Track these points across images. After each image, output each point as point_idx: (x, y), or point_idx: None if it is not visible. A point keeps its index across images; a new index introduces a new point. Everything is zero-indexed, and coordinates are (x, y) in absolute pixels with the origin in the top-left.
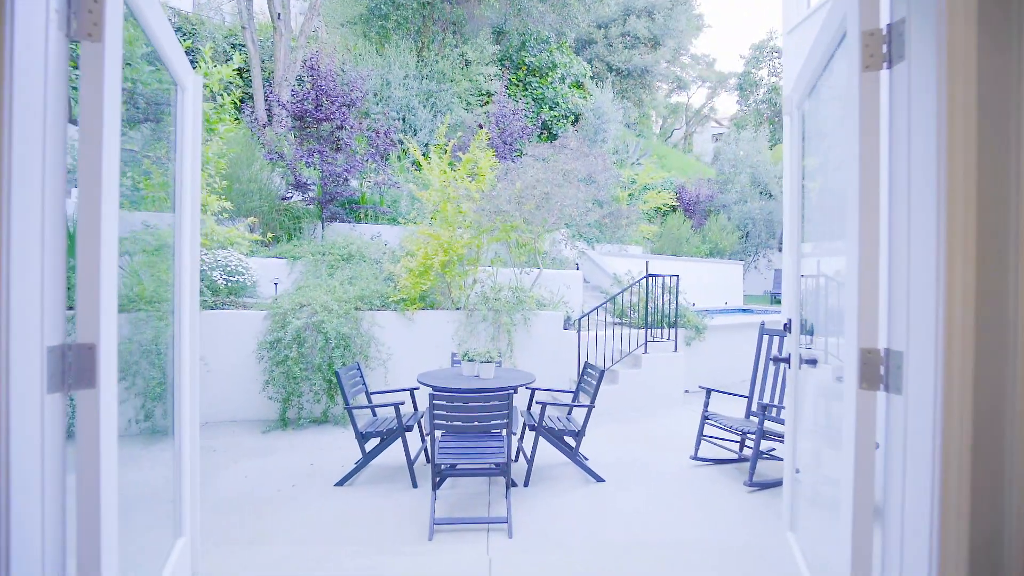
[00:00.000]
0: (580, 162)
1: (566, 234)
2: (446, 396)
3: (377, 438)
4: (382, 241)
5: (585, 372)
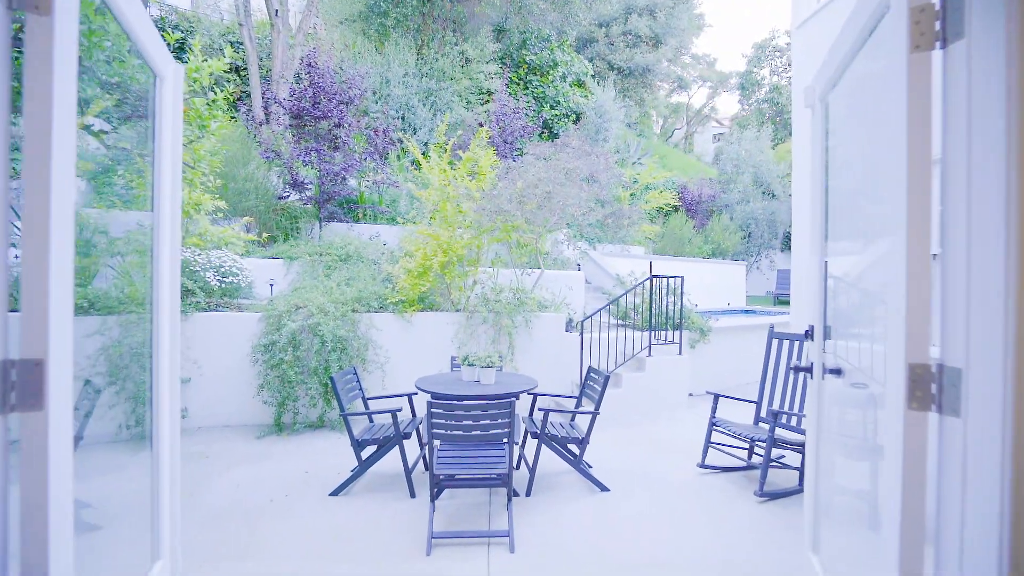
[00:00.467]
0: (582, 161)
1: (568, 234)
2: (445, 404)
3: (374, 446)
4: (380, 241)
5: (589, 377)
